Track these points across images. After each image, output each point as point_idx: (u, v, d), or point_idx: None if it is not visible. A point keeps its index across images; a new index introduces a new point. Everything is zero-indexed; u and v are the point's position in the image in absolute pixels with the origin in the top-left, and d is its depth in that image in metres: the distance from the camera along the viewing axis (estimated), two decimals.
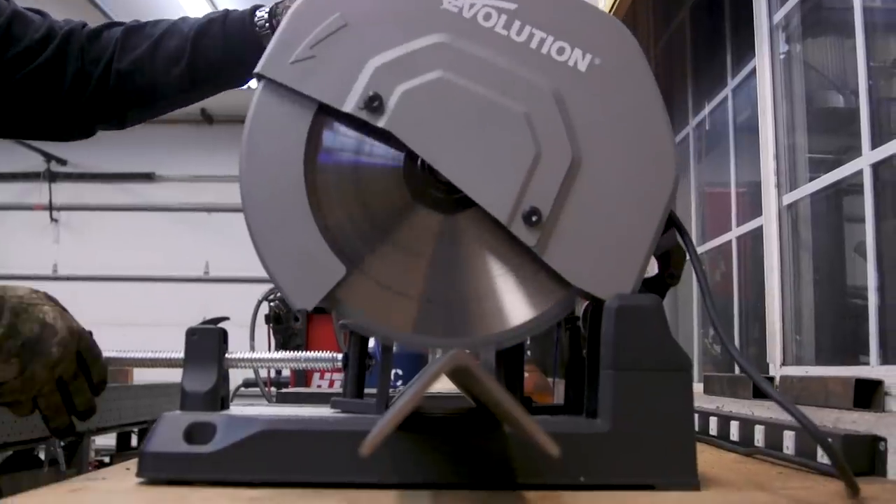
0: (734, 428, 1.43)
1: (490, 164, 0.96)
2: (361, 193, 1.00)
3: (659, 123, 0.99)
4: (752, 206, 2.55)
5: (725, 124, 2.84)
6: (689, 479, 0.91)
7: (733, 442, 1.41)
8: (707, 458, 1.15)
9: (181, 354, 1.01)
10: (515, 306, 0.99)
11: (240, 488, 0.86)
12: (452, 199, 1.00)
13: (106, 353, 1.12)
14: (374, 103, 0.96)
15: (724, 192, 2.83)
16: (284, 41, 0.98)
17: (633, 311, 0.93)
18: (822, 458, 1.11)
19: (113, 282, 7.62)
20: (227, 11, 1.47)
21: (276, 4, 1.42)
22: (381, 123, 0.96)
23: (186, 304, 6.74)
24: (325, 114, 0.98)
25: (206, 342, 1.00)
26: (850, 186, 1.98)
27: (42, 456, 2.93)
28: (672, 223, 1.01)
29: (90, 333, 1.14)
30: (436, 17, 0.98)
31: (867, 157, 1.73)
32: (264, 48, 1.32)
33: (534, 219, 0.96)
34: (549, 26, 0.98)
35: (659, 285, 1.04)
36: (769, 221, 2.21)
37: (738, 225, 2.64)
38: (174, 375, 1.03)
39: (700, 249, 2.97)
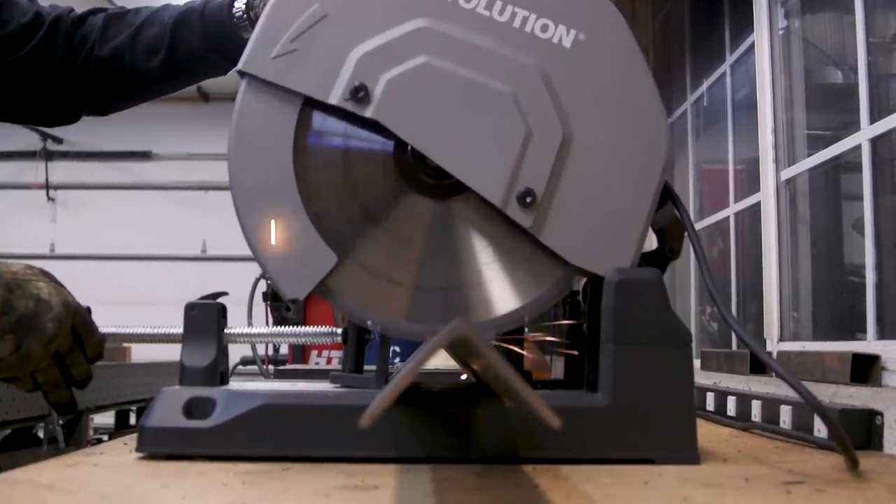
0: (731, 403, 1.43)
1: (481, 148, 0.96)
2: (352, 181, 1.00)
3: (648, 95, 0.98)
4: (749, 182, 2.54)
5: (724, 101, 2.83)
6: (689, 454, 0.91)
7: (730, 417, 1.42)
8: (704, 432, 1.15)
9: (180, 330, 1.01)
10: (514, 289, 0.99)
11: (238, 463, 0.86)
12: (444, 185, 0.99)
13: (104, 329, 1.12)
14: (359, 93, 0.95)
15: (722, 168, 2.82)
16: (265, 36, 0.97)
17: (633, 285, 0.93)
18: (818, 431, 1.11)
19: (110, 261, 7.60)
20: (206, 0, 1.46)
21: None
22: (367, 113, 0.95)
23: (184, 283, 6.71)
24: (312, 106, 0.98)
25: (206, 317, 0.99)
26: (848, 164, 1.98)
27: (41, 434, 2.93)
28: (668, 195, 1.01)
29: (88, 310, 1.13)
30: (416, 2, 0.97)
31: (866, 132, 1.73)
32: (242, 39, 1.31)
33: (528, 200, 0.95)
34: (531, 4, 0.97)
35: (659, 260, 1.03)
36: (767, 196, 2.21)
37: (736, 201, 2.64)
38: (173, 354, 1.03)
39: (698, 226, 2.96)
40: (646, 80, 0.98)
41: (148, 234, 7.60)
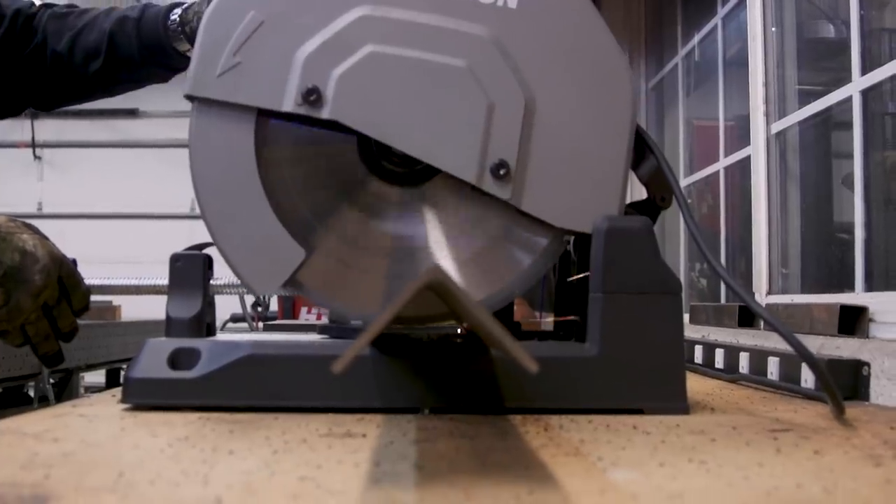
0: (719, 355, 1.44)
1: (445, 128, 0.94)
2: (317, 175, 0.99)
3: (604, 42, 0.97)
4: (740, 139, 2.53)
5: (715, 57, 2.81)
6: (678, 403, 0.91)
7: (718, 369, 1.42)
8: (693, 385, 1.16)
9: (166, 281, 1.00)
10: (502, 264, 0.99)
11: (227, 413, 0.86)
12: (414, 171, 0.98)
13: (90, 281, 1.12)
14: (311, 96, 0.93)
15: (712, 125, 2.81)
16: (205, 55, 0.94)
17: (622, 233, 0.92)
18: (805, 382, 1.11)
19: (99, 219, 7.56)
20: (144, 8, 1.42)
21: (185, 10, 1.37)
22: (324, 115, 0.93)
23: (173, 241, 6.65)
24: (267, 116, 0.96)
25: (191, 268, 0.99)
26: (838, 122, 1.97)
27: (31, 393, 2.93)
28: (641, 141, 1.00)
29: (74, 261, 1.13)
30: None
31: (857, 84, 1.72)
32: (178, 51, 1.29)
33: (502, 172, 0.94)
34: None
35: (650, 209, 1.03)
36: (757, 150, 2.20)
37: (726, 156, 2.63)
38: (163, 312, 1.02)
39: (688, 181, 2.96)
40: (598, 26, 0.97)
41: (136, 192, 7.55)
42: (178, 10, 1.38)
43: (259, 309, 2.43)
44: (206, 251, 1.03)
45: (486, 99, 0.94)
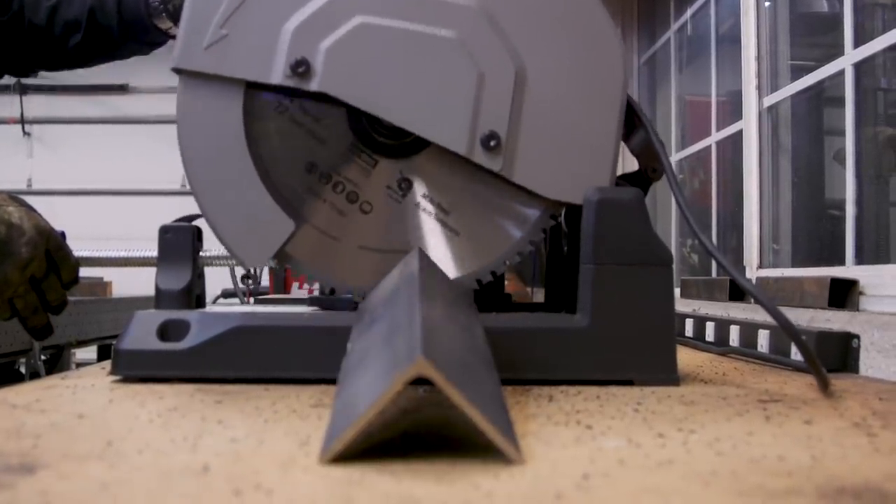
0: (710, 329, 1.44)
1: (435, 100, 0.94)
2: (307, 148, 0.98)
3: (594, 11, 0.96)
4: (732, 115, 2.53)
5: (708, 32, 2.80)
6: (669, 375, 0.91)
7: (708, 342, 1.42)
8: (683, 357, 1.16)
9: (155, 253, 1.00)
10: (493, 236, 0.99)
11: (217, 384, 0.86)
12: (404, 144, 0.98)
13: (79, 253, 1.11)
14: (300, 68, 0.92)
15: (704, 100, 2.80)
16: (192, 28, 0.93)
17: (613, 205, 0.92)
18: (795, 355, 1.12)
19: (89, 196, 7.54)
20: None
21: None
22: (312, 87, 0.93)
23: (164, 217, 6.64)
24: (255, 88, 0.95)
25: (180, 239, 0.98)
26: (830, 97, 1.96)
27: (23, 370, 2.94)
28: (630, 111, 1.00)
29: (63, 234, 1.12)
30: None
31: (849, 57, 1.71)
32: (159, 28, 1.28)
33: (492, 143, 0.94)
34: None
35: (641, 181, 1.02)
36: (749, 124, 2.20)
37: (718, 130, 2.63)
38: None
39: (680, 156, 2.96)
40: None
41: (127, 168, 7.53)
42: None
43: (250, 283, 2.42)
44: (196, 223, 1.02)
45: (475, 69, 0.93)
